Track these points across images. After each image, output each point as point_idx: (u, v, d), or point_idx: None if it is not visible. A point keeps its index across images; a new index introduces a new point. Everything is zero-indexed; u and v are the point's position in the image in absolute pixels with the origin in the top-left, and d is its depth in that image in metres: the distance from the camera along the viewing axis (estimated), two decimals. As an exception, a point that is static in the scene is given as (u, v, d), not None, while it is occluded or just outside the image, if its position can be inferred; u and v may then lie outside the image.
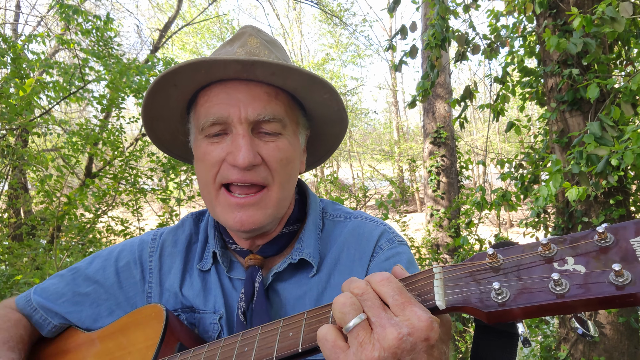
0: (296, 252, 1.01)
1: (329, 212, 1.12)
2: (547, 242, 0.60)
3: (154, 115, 1.01)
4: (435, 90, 7.92)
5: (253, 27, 1.02)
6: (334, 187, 8.40)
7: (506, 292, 0.59)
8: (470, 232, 5.97)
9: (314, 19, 27.78)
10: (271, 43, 1.02)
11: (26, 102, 4.09)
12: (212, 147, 0.93)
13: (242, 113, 0.90)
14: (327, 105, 1.00)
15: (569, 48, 2.94)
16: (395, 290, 0.62)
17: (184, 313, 1.04)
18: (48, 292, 1.11)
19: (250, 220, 0.92)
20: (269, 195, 0.94)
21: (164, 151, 1.15)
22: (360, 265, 1.00)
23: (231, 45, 0.99)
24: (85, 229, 5.34)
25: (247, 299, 0.97)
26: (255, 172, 0.92)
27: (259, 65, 0.87)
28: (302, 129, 1.03)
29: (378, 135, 27.23)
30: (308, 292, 0.99)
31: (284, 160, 0.94)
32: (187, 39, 17.59)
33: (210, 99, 0.92)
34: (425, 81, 4.22)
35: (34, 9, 9.70)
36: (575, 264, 0.58)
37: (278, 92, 0.94)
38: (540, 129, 5.21)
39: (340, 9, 17.69)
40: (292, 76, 0.90)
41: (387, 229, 1.06)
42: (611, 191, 3.54)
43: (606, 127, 2.65)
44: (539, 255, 0.60)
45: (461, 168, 8.24)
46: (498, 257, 0.63)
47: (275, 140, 0.93)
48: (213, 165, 0.93)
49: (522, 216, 15.39)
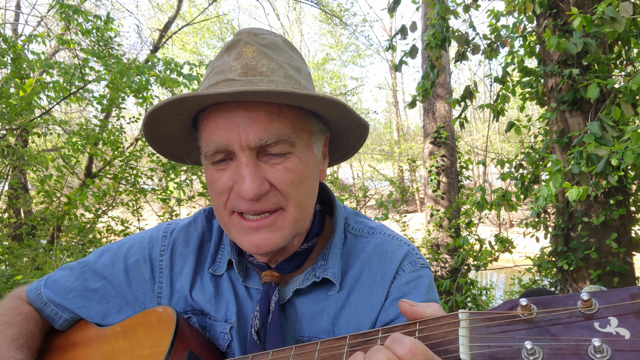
0: (320, 269, 0.97)
1: (352, 225, 1.07)
2: (588, 297, 0.54)
3: (158, 141, 0.97)
4: (435, 90, 7.93)
5: (248, 33, 0.92)
6: (334, 187, 8.41)
7: (539, 353, 0.53)
8: (470, 232, 5.97)
9: (314, 19, 27.80)
10: (271, 47, 0.92)
11: (26, 102, 4.10)
12: (219, 174, 0.88)
13: (242, 139, 0.82)
14: (340, 116, 0.93)
15: (569, 48, 2.94)
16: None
17: (195, 315, 1.01)
18: (58, 285, 1.09)
19: (265, 243, 0.87)
20: (284, 216, 0.89)
21: (178, 162, 1.10)
22: (381, 286, 0.97)
23: (228, 55, 0.91)
24: (86, 229, 5.34)
25: (261, 317, 0.93)
26: (265, 200, 0.86)
27: (249, 94, 0.80)
28: (317, 137, 0.95)
29: (378, 135, 27.24)
30: (326, 309, 0.96)
31: (295, 182, 0.87)
32: (187, 39, 17.61)
33: (209, 124, 0.86)
34: (426, 81, 4.22)
35: (34, 9, 9.71)
36: (618, 327, 0.51)
37: (281, 108, 0.85)
38: (540, 129, 5.21)
39: (340, 9, 17.70)
40: (289, 98, 0.83)
41: (410, 249, 1.02)
42: (611, 191, 3.55)
43: (606, 127, 2.65)
44: (579, 312, 0.54)
45: (461, 168, 8.24)
46: (532, 309, 0.57)
47: (283, 162, 0.86)
48: (222, 193, 0.88)
49: (522, 216, 15.39)
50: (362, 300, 0.96)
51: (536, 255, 4.70)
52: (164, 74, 5.18)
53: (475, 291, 6.19)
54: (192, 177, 5.77)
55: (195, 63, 5.48)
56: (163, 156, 1.05)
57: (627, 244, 3.57)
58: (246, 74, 0.86)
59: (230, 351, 0.97)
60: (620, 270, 3.51)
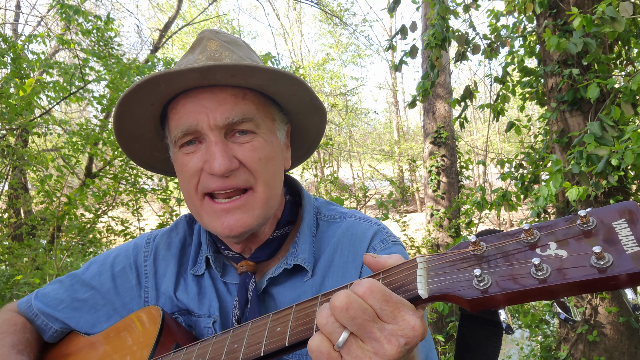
0: (291, 256, 1.00)
1: (323, 213, 1.11)
2: (529, 227, 0.59)
3: (127, 135, 1.00)
4: (435, 90, 7.92)
5: (211, 30, 1.00)
6: (334, 187, 8.41)
7: (488, 279, 0.58)
8: (470, 232, 5.97)
9: (314, 19, 27.79)
10: (232, 43, 0.99)
11: (26, 102, 4.09)
12: (188, 157, 0.92)
13: (210, 120, 0.88)
14: (299, 97, 0.98)
15: (569, 48, 2.94)
16: (381, 300, 0.60)
17: (182, 315, 1.04)
18: (48, 298, 1.12)
19: (238, 224, 0.91)
20: (254, 197, 0.93)
21: (146, 168, 1.14)
22: (354, 267, 0.99)
23: (192, 52, 0.97)
24: (86, 229, 5.34)
25: (241, 306, 0.97)
26: (235, 176, 0.90)
27: (217, 69, 0.84)
28: (279, 124, 1.00)
29: (378, 135, 27.23)
30: (302, 295, 0.99)
31: (262, 160, 0.92)
32: (187, 39, 17.59)
33: (178, 111, 0.91)
34: (426, 81, 4.22)
35: (34, 9, 9.71)
36: (557, 249, 0.57)
37: (245, 92, 0.92)
38: (540, 129, 5.21)
39: (340, 9, 17.70)
40: (254, 74, 0.88)
41: (380, 228, 1.05)
42: (611, 191, 3.54)
43: (606, 127, 2.65)
44: (522, 242, 0.60)
45: (461, 168, 8.24)
46: (481, 245, 0.62)
47: (250, 141, 0.91)
48: (192, 176, 0.92)
49: (522, 216, 15.39)
50: (337, 282, 0.98)
51: (536, 255, 4.69)
52: (164, 74, 5.16)
53: (475, 291, 6.17)
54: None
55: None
56: (131, 158, 1.08)
57: (627, 244, 3.57)
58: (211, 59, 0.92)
59: None
60: (620, 270, 3.51)
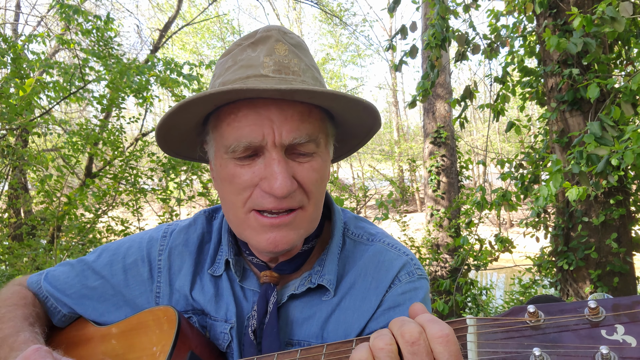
0: (316, 275, 0.96)
1: (352, 230, 1.06)
2: (595, 305, 0.54)
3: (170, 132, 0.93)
4: (435, 90, 7.92)
5: (279, 30, 0.90)
6: (334, 187, 8.41)
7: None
8: (470, 232, 5.97)
9: (314, 19, 27.80)
10: (299, 47, 0.91)
11: (26, 102, 4.09)
12: (243, 170, 0.85)
13: (276, 137, 0.81)
14: (362, 119, 0.94)
15: (569, 48, 2.94)
16: (453, 355, 0.56)
17: (196, 315, 1.01)
18: (59, 281, 1.09)
19: (283, 241, 0.86)
20: (303, 215, 0.88)
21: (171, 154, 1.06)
22: (375, 295, 0.96)
23: (254, 50, 0.88)
24: (86, 229, 5.34)
25: (259, 317, 0.93)
26: (292, 198, 0.85)
27: (301, 92, 0.78)
28: (331, 139, 0.95)
29: (378, 135, 27.23)
30: (317, 313, 0.96)
31: (319, 180, 0.88)
32: (187, 39, 17.60)
33: (238, 119, 0.83)
34: (426, 81, 4.22)
35: (34, 9, 9.70)
36: (625, 334, 0.52)
37: (311, 110, 0.86)
38: (540, 129, 5.21)
39: (340, 9, 17.71)
40: (331, 99, 0.82)
41: (409, 260, 1.01)
42: (611, 191, 3.55)
43: (606, 127, 2.65)
44: (586, 319, 0.55)
45: (461, 168, 8.24)
46: (539, 316, 0.57)
47: (310, 161, 0.86)
48: (243, 190, 0.85)
49: (522, 216, 15.39)
50: (354, 306, 0.96)
51: (536, 255, 4.70)
52: (164, 74, 5.17)
53: (475, 291, 6.18)
54: (192, 177, 5.77)
55: (195, 63, 5.48)
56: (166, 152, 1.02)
57: (627, 244, 3.57)
58: (279, 71, 0.85)
59: (230, 351, 0.97)
60: (620, 270, 3.51)
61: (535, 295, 0.85)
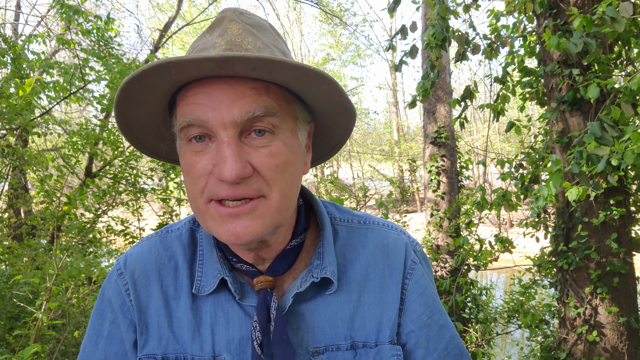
0: (316, 269, 0.91)
1: (338, 217, 1.01)
2: None
3: (131, 120, 0.88)
4: (435, 90, 7.93)
5: (234, 10, 0.86)
6: (334, 187, 8.41)
7: None
8: (470, 232, 5.97)
9: (314, 19, 27.79)
10: (257, 27, 0.86)
11: (26, 102, 4.09)
12: (197, 157, 0.79)
13: (225, 116, 0.75)
14: (328, 97, 0.85)
15: (569, 48, 2.94)
16: None
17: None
18: None
19: (245, 232, 0.79)
20: (266, 203, 0.81)
21: (152, 156, 1.00)
22: (392, 283, 0.94)
23: (210, 33, 0.84)
24: (86, 229, 5.34)
25: (262, 327, 0.85)
26: (247, 184, 0.78)
27: (236, 60, 0.72)
28: (301, 124, 0.87)
29: (378, 135, 27.25)
30: (339, 313, 0.91)
31: (280, 167, 0.80)
32: (187, 38, 17.59)
33: (187, 100, 0.79)
34: (426, 81, 4.22)
35: (34, 9, 9.70)
36: None
37: (268, 86, 0.79)
38: (540, 129, 5.21)
39: (340, 9, 17.71)
40: (279, 69, 0.75)
41: (407, 239, 1.00)
42: (611, 191, 3.55)
43: (606, 127, 2.65)
44: None
45: (461, 168, 8.24)
46: None
47: (267, 145, 0.79)
48: (199, 179, 0.80)
49: (522, 216, 15.39)
50: (375, 299, 0.93)
51: (536, 255, 4.70)
52: (164, 74, 5.17)
53: (475, 291, 6.19)
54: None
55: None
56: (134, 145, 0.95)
57: (627, 244, 3.57)
58: (230, 50, 0.80)
59: None
60: (620, 270, 3.51)
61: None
